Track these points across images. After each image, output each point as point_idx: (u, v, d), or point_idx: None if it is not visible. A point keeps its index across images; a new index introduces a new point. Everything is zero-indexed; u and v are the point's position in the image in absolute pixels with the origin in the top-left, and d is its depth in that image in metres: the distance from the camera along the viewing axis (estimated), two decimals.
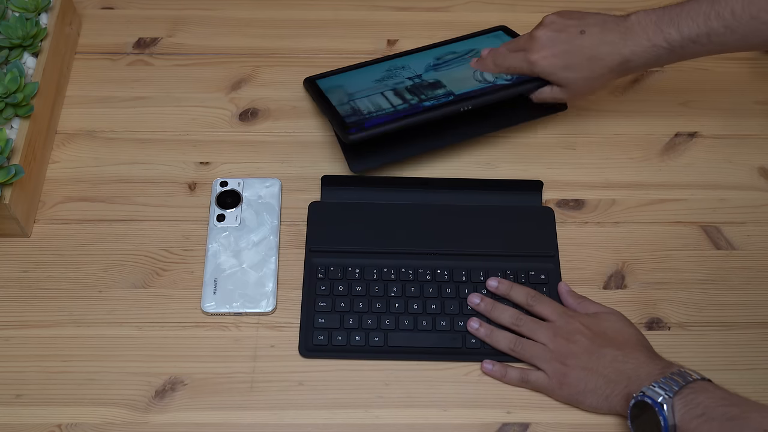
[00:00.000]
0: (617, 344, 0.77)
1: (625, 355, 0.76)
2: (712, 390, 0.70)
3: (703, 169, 0.95)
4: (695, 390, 0.70)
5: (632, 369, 0.75)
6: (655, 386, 0.71)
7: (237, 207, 0.90)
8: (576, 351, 0.77)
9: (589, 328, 0.79)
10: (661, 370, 0.73)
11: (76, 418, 0.79)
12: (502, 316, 0.82)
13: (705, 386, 0.71)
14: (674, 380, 0.71)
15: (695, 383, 0.71)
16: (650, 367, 0.74)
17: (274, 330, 0.84)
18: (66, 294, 0.85)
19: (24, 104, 0.87)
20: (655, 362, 0.75)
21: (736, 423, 0.66)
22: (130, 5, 1.07)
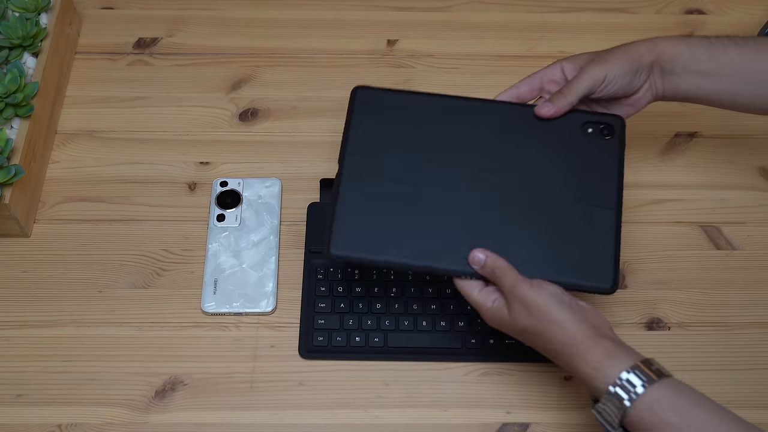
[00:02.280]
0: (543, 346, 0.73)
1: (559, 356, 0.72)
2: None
3: (703, 169, 0.95)
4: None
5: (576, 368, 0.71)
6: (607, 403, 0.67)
7: (237, 207, 0.90)
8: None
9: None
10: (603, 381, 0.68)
11: (76, 418, 0.79)
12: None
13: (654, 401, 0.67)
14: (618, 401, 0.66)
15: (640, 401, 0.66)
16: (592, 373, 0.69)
17: (274, 330, 0.84)
18: (66, 294, 0.85)
19: (24, 104, 0.87)
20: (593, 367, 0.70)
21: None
22: (130, 5, 1.07)
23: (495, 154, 0.78)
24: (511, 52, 1.04)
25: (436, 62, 1.02)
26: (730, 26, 1.05)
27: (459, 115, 0.80)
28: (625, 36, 1.04)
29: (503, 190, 0.77)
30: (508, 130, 0.79)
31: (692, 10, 1.07)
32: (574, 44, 1.04)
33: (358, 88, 0.81)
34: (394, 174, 0.77)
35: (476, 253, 0.74)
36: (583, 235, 0.75)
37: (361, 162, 0.77)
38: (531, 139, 0.78)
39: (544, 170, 0.78)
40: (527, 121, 0.79)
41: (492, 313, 0.73)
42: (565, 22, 1.06)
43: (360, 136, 0.79)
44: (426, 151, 0.78)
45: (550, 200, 0.76)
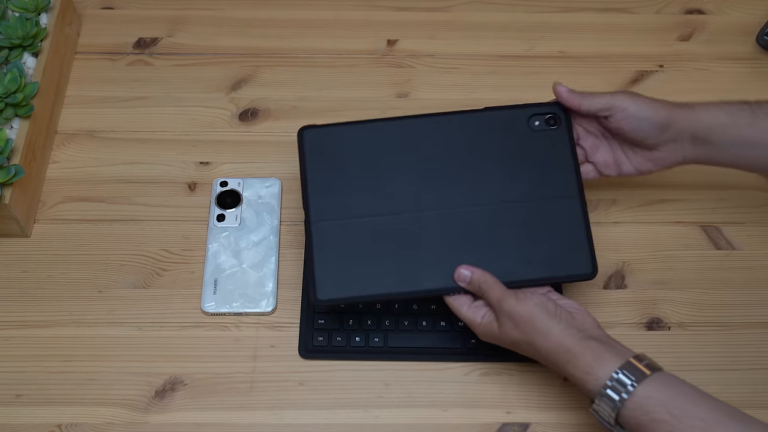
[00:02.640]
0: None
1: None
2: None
3: (703, 169, 0.94)
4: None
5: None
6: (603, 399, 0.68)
7: (237, 207, 0.90)
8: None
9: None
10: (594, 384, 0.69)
11: (76, 418, 0.79)
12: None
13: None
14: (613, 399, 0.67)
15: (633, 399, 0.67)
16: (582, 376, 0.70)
17: (274, 330, 0.84)
18: (66, 294, 0.85)
19: (24, 104, 0.87)
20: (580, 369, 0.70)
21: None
22: (130, 5, 1.07)
23: (453, 168, 0.79)
24: (511, 52, 1.04)
25: (436, 62, 1.02)
26: (729, 26, 1.05)
27: (410, 134, 0.80)
28: (625, 36, 1.05)
29: (471, 202, 0.78)
30: (459, 142, 0.80)
31: (692, 10, 1.07)
32: (574, 44, 1.04)
33: (303, 130, 0.81)
34: (362, 207, 0.78)
35: (461, 270, 0.76)
36: (555, 228, 0.78)
37: (325, 203, 0.78)
38: (484, 145, 0.80)
39: (503, 173, 0.79)
40: (477, 128, 0.80)
41: (483, 329, 0.75)
42: (565, 22, 1.06)
43: (318, 178, 0.79)
44: (386, 177, 0.79)
45: (516, 201, 0.78)
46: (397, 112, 0.97)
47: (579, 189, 0.79)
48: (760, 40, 1.03)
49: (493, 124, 0.80)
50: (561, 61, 1.02)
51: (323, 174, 0.79)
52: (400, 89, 1.00)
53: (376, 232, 0.77)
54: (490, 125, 0.80)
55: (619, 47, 1.04)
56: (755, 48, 1.04)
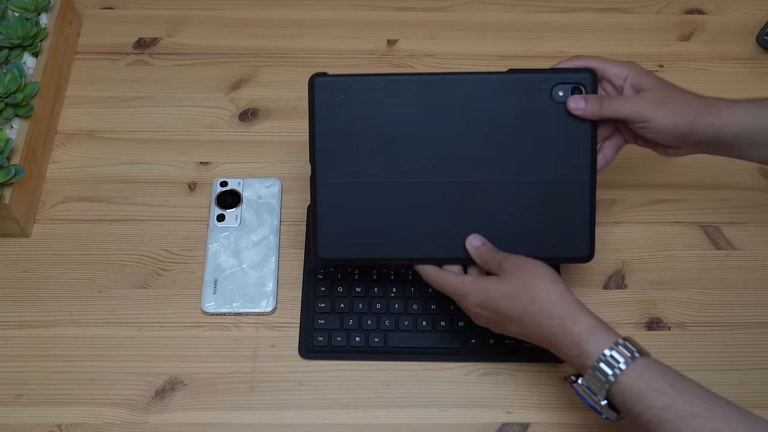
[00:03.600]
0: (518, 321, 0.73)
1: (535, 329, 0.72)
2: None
3: (703, 169, 0.95)
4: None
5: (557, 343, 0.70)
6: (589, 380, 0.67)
7: (237, 207, 0.90)
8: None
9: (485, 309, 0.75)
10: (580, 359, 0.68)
11: (76, 418, 0.79)
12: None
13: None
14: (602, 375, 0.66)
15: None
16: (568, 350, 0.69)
17: (274, 330, 0.84)
18: (66, 294, 0.85)
19: (24, 104, 0.87)
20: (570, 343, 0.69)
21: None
22: (130, 5, 1.07)
23: (466, 135, 0.77)
24: (511, 52, 1.04)
25: (436, 62, 1.02)
26: (729, 26, 1.05)
27: (427, 93, 0.76)
28: (624, 36, 1.05)
29: (479, 173, 0.77)
30: (476, 106, 0.76)
31: (692, 10, 1.07)
32: (574, 44, 1.04)
33: (315, 77, 0.76)
34: (369, 168, 0.77)
35: (472, 240, 0.76)
36: (559, 207, 0.77)
37: (332, 160, 0.77)
38: (501, 113, 0.76)
39: (516, 145, 0.77)
40: (497, 92, 0.76)
41: (475, 288, 0.74)
42: (565, 22, 1.06)
43: (327, 133, 0.76)
44: (398, 138, 0.77)
45: (525, 173, 0.77)
46: None
47: (592, 171, 0.77)
48: (760, 40, 1.03)
49: (515, 90, 0.76)
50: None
51: (333, 129, 0.76)
52: None
53: (382, 196, 0.77)
54: (512, 91, 0.76)
55: (619, 47, 1.04)
56: (755, 48, 1.04)
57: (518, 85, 0.76)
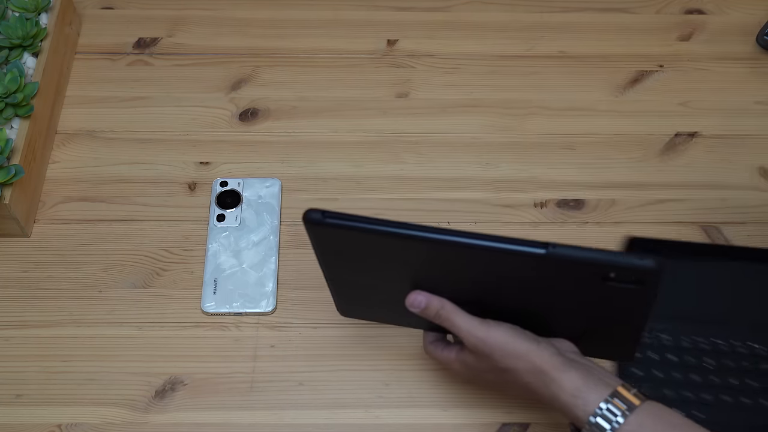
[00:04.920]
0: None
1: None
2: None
3: (703, 169, 0.95)
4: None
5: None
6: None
7: (237, 207, 0.90)
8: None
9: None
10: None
11: (76, 418, 0.79)
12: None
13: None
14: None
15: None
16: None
17: (274, 330, 0.84)
18: (66, 294, 0.85)
19: (24, 104, 0.87)
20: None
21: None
22: (130, 5, 1.07)
23: (492, 302, 0.67)
24: (511, 52, 1.04)
25: (436, 62, 1.02)
26: (729, 26, 1.05)
27: (440, 256, 0.64)
28: (625, 36, 1.05)
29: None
30: (505, 284, 0.65)
31: (692, 10, 1.07)
32: (574, 44, 1.04)
33: (308, 214, 0.64)
34: (372, 305, 0.74)
35: (415, 296, 0.68)
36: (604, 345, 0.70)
37: (338, 279, 0.72)
38: (540, 296, 0.65)
39: (551, 322, 0.68)
40: (533, 273, 0.62)
41: (459, 364, 0.71)
42: (565, 22, 1.06)
43: (330, 260, 0.70)
44: (403, 279, 0.68)
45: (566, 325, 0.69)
46: (398, 112, 0.97)
47: (642, 330, 0.67)
48: (760, 40, 1.03)
49: (558, 270, 0.61)
50: (561, 61, 1.03)
51: (335, 262, 0.70)
52: (400, 89, 1.00)
53: (387, 302, 0.72)
54: (555, 271, 0.62)
55: (619, 47, 1.04)
56: (755, 48, 1.04)
57: (565, 268, 0.61)
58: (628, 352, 0.71)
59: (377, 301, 0.74)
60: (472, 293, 0.67)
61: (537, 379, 0.66)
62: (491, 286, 0.66)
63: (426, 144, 0.96)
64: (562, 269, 0.61)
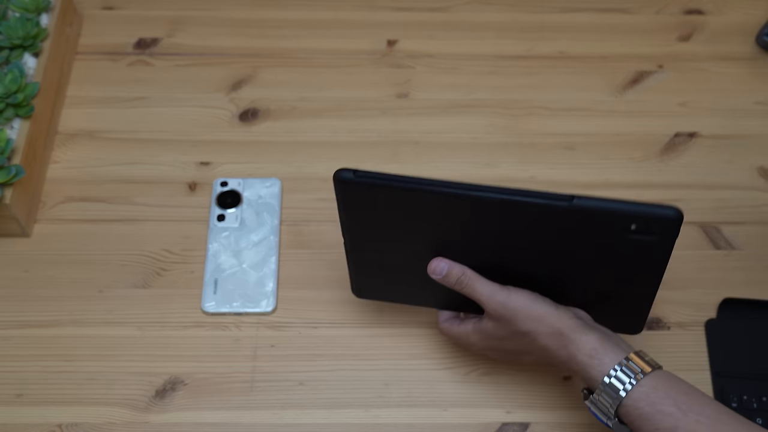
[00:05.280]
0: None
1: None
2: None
3: (703, 169, 0.95)
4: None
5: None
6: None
7: (237, 207, 0.90)
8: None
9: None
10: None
11: (76, 418, 0.79)
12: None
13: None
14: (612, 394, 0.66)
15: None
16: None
17: (274, 330, 0.84)
18: (66, 294, 0.85)
19: (24, 104, 0.87)
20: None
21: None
22: (130, 5, 1.07)
23: (517, 258, 0.69)
24: (511, 52, 1.04)
25: (436, 62, 1.02)
26: (729, 27, 1.05)
27: (472, 211, 0.66)
28: (624, 37, 1.05)
29: (522, 276, 0.70)
30: (528, 235, 0.67)
31: (692, 11, 1.07)
32: (574, 44, 1.04)
33: (339, 173, 0.66)
34: (396, 250, 0.73)
35: (436, 263, 0.71)
36: (615, 310, 0.73)
37: (359, 238, 0.73)
38: (560, 246, 0.67)
39: (569, 278, 0.70)
40: (556, 225, 0.65)
41: (477, 336, 0.74)
42: (565, 22, 1.06)
43: (354, 223, 0.71)
44: (427, 239, 0.70)
45: (581, 286, 0.71)
46: (398, 112, 0.98)
47: (657, 285, 0.71)
48: (759, 40, 1.03)
49: (580, 224, 0.64)
50: (561, 62, 1.03)
51: (359, 223, 0.71)
52: (400, 89, 1.00)
53: (406, 273, 0.74)
54: (577, 225, 0.64)
55: (619, 47, 1.04)
56: (755, 48, 1.04)
57: (586, 220, 0.64)
58: (637, 323, 0.74)
59: (396, 274, 0.75)
60: (493, 258, 0.70)
61: (555, 341, 0.69)
62: (513, 248, 0.69)
63: (426, 144, 0.96)
64: (583, 222, 0.64)
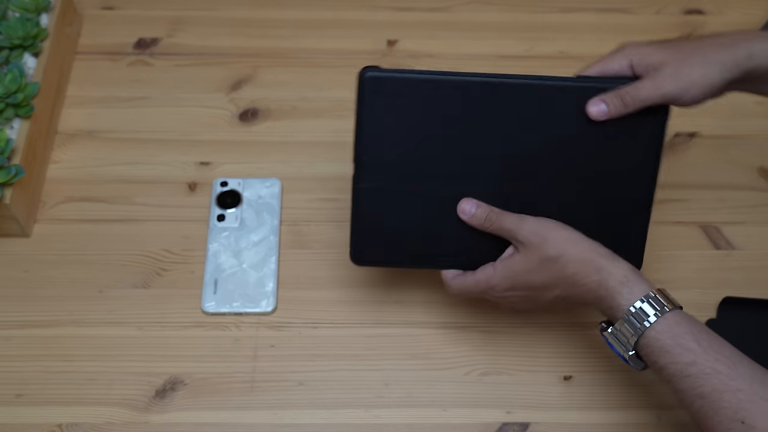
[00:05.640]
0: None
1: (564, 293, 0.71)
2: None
3: (703, 169, 0.95)
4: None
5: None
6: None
7: (237, 207, 0.90)
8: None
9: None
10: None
11: (76, 418, 0.79)
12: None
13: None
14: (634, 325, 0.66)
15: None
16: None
17: (274, 330, 0.84)
18: (66, 294, 0.85)
19: (24, 104, 0.87)
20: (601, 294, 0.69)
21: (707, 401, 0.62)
22: (130, 5, 1.07)
23: (521, 149, 0.72)
24: (511, 52, 1.04)
25: (436, 62, 1.02)
26: (729, 27, 1.05)
27: (488, 96, 0.71)
28: (624, 37, 1.04)
29: (533, 183, 0.73)
30: (535, 117, 0.72)
31: (692, 11, 1.07)
32: (574, 44, 1.04)
33: (366, 71, 0.71)
34: (413, 172, 0.73)
35: (465, 205, 0.72)
36: (615, 222, 0.75)
37: (374, 160, 0.73)
38: (562, 126, 0.72)
39: (579, 153, 0.73)
40: (558, 102, 0.71)
41: (500, 272, 0.72)
42: (565, 22, 1.06)
43: (373, 132, 0.72)
44: (449, 140, 0.72)
45: (582, 185, 0.74)
46: None
47: (650, 201, 0.74)
48: None
49: (578, 101, 0.71)
50: (561, 61, 1.02)
51: (380, 129, 0.72)
52: None
53: (423, 205, 0.73)
54: (576, 101, 0.71)
55: None
56: None
57: (584, 96, 0.71)
58: (635, 257, 0.74)
59: (409, 215, 0.74)
60: (513, 171, 0.73)
61: (585, 266, 0.69)
62: (531, 154, 0.72)
63: None
64: (581, 97, 0.71)
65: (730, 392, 0.62)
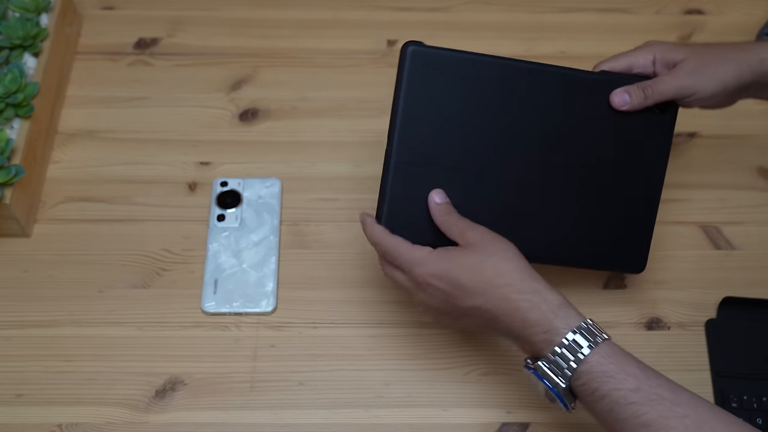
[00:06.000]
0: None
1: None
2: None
3: (703, 169, 0.95)
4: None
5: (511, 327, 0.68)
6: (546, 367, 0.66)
7: (237, 207, 0.90)
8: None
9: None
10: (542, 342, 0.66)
11: (76, 418, 0.79)
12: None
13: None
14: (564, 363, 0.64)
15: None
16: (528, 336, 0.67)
17: (274, 330, 0.84)
18: (66, 294, 0.85)
19: (24, 104, 0.87)
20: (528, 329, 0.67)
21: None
22: (130, 5, 1.07)
23: (545, 131, 0.75)
24: (511, 52, 1.03)
25: None
26: (729, 27, 1.05)
27: (526, 83, 0.75)
28: (624, 37, 1.04)
29: (554, 172, 0.76)
30: (562, 104, 0.75)
31: (692, 11, 1.07)
32: (574, 44, 1.04)
33: (409, 45, 0.71)
34: (445, 151, 0.73)
35: (434, 195, 0.73)
36: (623, 219, 0.77)
37: (409, 137, 0.73)
38: (584, 116, 0.75)
39: (593, 146, 0.76)
40: (596, 92, 0.75)
41: (435, 256, 0.69)
42: (565, 22, 1.06)
43: (411, 107, 0.72)
44: (483, 122, 0.74)
45: (596, 179, 0.77)
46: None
47: (659, 191, 0.78)
48: (759, 40, 1.03)
49: (601, 94, 0.75)
50: (561, 62, 1.01)
51: (418, 105, 0.72)
52: None
53: (451, 184, 0.73)
54: (599, 94, 0.75)
55: (619, 48, 1.03)
56: None
57: (607, 90, 0.76)
58: (639, 257, 0.79)
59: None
60: (540, 157, 0.75)
61: (522, 283, 0.67)
62: (556, 142, 0.75)
63: None
64: (605, 90, 0.75)
65: (676, 418, 0.60)
